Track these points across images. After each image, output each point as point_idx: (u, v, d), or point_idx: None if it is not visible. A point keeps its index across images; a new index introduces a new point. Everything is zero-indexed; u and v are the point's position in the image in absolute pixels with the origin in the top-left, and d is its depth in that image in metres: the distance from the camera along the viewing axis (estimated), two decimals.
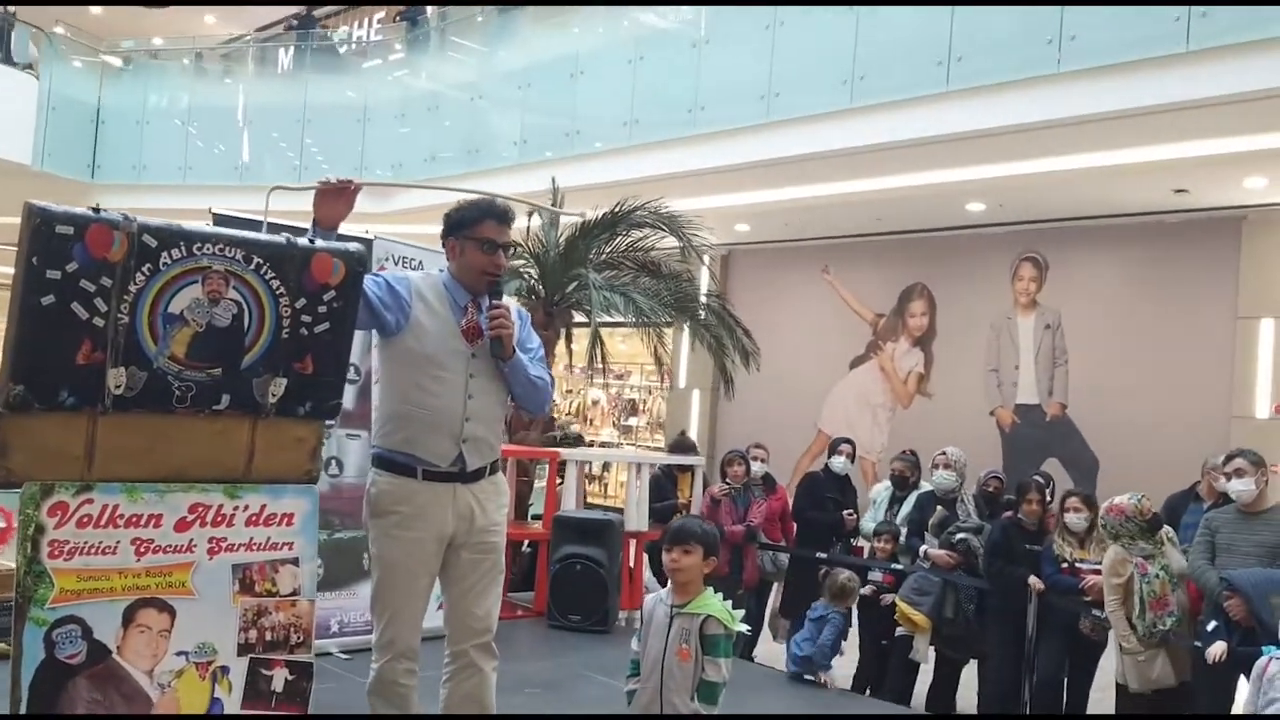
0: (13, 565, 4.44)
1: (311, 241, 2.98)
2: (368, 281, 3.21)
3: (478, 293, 3.50)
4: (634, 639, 3.45)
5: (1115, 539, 5.56)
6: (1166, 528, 5.72)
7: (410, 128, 15.31)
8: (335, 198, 3.23)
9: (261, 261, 2.85)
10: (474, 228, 3.47)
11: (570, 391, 16.74)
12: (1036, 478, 7.22)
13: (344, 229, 3.36)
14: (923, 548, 6.60)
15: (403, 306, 3.39)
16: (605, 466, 14.26)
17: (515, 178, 12.57)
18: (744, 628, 3.29)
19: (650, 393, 16.46)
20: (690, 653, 3.13)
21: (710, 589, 3.32)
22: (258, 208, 3.72)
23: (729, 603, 3.30)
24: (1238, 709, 5.16)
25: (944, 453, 6.85)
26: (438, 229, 3.60)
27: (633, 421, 16.15)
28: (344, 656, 5.30)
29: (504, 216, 3.51)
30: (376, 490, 3.44)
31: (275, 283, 2.88)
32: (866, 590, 6.56)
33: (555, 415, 13.67)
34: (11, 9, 15.94)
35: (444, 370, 3.39)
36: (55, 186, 14.99)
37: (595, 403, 15.96)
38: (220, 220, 5.19)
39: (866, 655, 6.73)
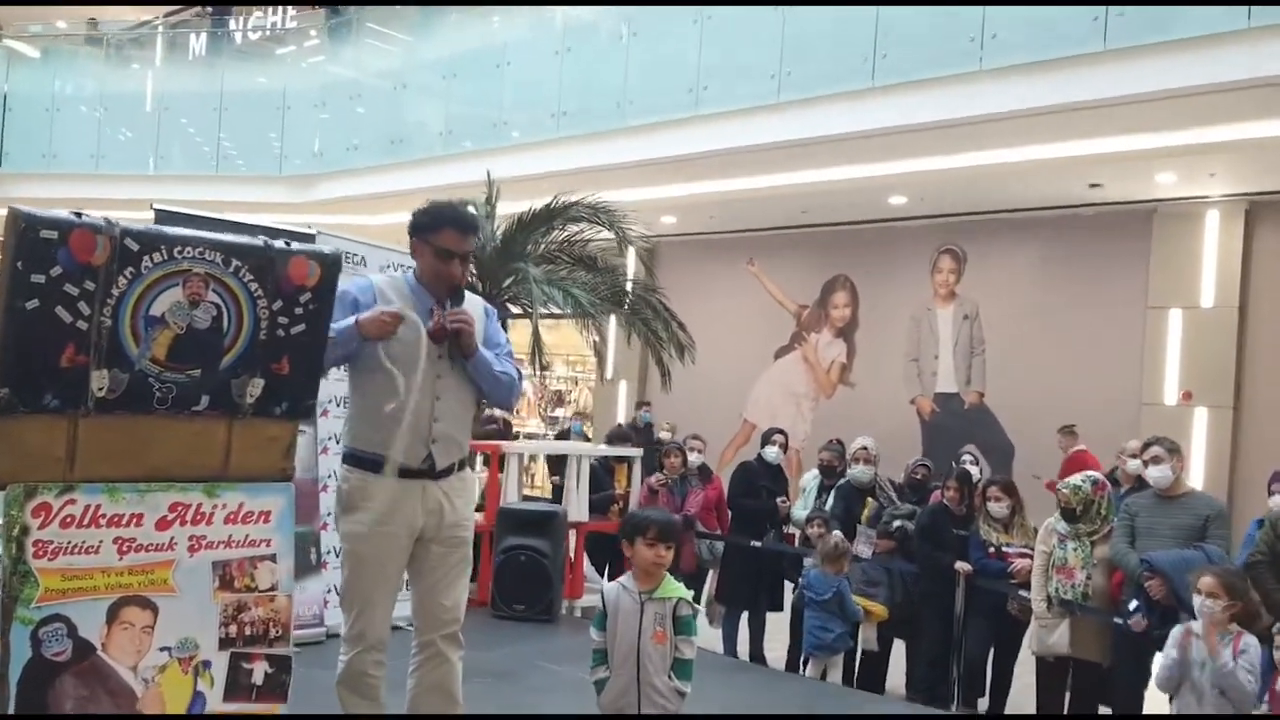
0: None
1: (288, 244, 3.02)
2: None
3: (439, 297, 3.52)
4: (593, 629, 3.54)
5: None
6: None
7: (331, 116, 15.17)
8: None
9: (240, 264, 2.89)
10: (434, 234, 3.48)
11: None
12: (965, 461, 7.47)
13: (267, 221, 3.37)
14: (857, 543, 6.73)
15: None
16: (533, 458, 14.30)
17: (441, 168, 12.59)
18: (701, 608, 3.44)
19: (576, 384, 16.56)
20: (666, 635, 3.25)
21: (668, 574, 3.44)
22: (173, 197, 3.69)
23: (681, 584, 3.44)
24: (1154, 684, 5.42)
25: (864, 448, 7.07)
26: (362, 220, 3.61)
27: (559, 413, 16.23)
28: (294, 650, 5.31)
29: (465, 226, 3.52)
30: (348, 487, 3.50)
31: (254, 285, 2.92)
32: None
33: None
34: None
35: (412, 372, 3.39)
36: None
37: (522, 394, 16.00)
38: (163, 217, 5.15)
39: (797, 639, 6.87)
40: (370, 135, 14.43)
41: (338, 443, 5.77)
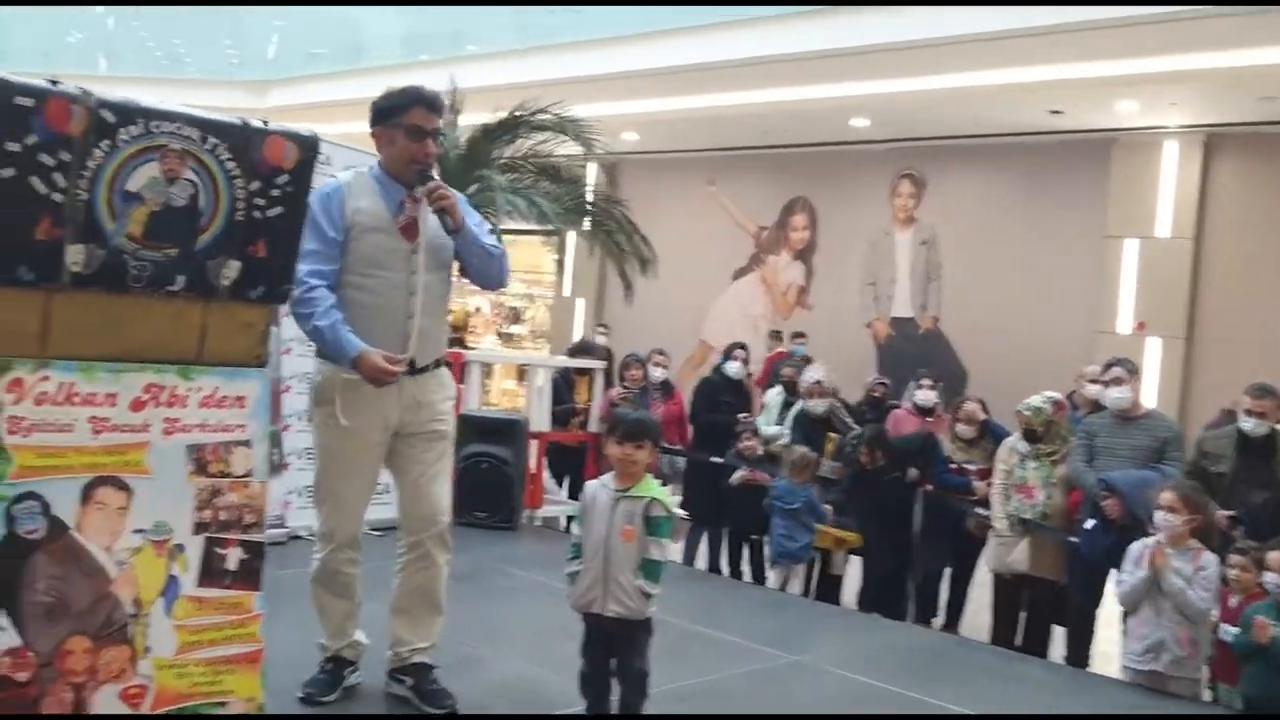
0: None
1: (265, 123, 2.95)
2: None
3: (409, 185, 3.44)
4: (573, 525, 3.57)
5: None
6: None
7: (286, 21, 14.81)
8: None
9: (217, 142, 2.82)
10: (403, 115, 3.42)
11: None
12: (910, 395, 7.44)
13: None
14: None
15: (342, 221, 3.40)
16: (488, 373, 14.26)
17: (400, 77, 12.26)
18: (682, 512, 3.45)
19: (532, 300, 16.48)
20: (635, 533, 3.27)
21: (649, 476, 3.45)
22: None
23: (667, 488, 3.46)
24: (1108, 598, 5.55)
25: (818, 382, 6.98)
26: (318, 129, 3.49)
27: (515, 329, 16.17)
28: None
29: (433, 103, 3.48)
30: (321, 379, 3.46)
31: (230, 164, 2.85)
32: (735, 479, 6.65)
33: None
34: None
35: (385, 270, 3.39)
36: None
37: (477, 310, 15.88)
38: None
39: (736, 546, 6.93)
40: (327, 42, 14.12)
41: (303, 345, 5.74)
